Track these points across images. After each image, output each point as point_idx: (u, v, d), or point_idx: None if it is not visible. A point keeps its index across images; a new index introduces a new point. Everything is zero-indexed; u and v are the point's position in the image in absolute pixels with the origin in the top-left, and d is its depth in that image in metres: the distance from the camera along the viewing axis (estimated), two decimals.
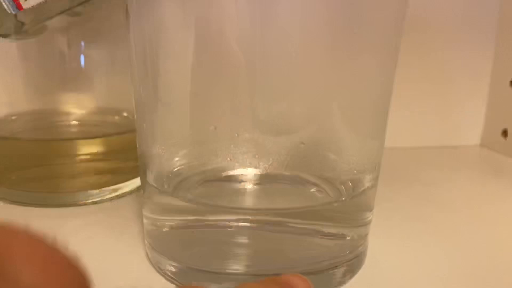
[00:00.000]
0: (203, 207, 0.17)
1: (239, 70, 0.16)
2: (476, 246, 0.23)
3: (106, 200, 0.26)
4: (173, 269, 0.17)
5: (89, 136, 0.27)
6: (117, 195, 0.26)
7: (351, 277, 0.18)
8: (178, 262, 0.17)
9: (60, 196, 0.25)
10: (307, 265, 0.17)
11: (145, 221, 0.19)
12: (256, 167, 0.18)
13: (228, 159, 0.17)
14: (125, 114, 0.30)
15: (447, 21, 0.36)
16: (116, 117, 0.30)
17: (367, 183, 0.18)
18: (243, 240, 0.16)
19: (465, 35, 0.36)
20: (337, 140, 0.18)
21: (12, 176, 0.26)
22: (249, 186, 0.18)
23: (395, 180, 0.30)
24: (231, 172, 0.18)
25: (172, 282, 0.17)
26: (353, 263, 0.18)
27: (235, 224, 0.16)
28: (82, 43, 0.28)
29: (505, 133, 0.37)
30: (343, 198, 0.18)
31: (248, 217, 0.16)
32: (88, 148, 0.27)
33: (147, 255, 0.19)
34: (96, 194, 0.26)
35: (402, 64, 0.32)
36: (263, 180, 0.18)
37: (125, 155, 0.26)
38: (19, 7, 0.24)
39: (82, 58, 0.29)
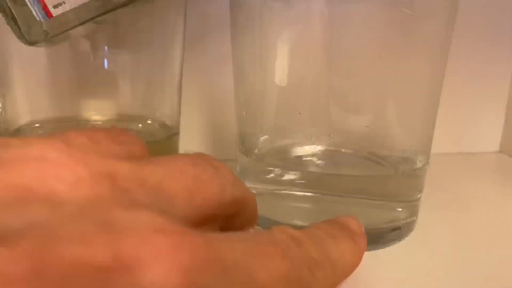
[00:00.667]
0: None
1: (321, 71, 0.22)
2: (496, 251, 0.22)
3: None
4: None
5: None
6: None
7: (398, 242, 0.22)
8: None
9: None
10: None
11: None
12: (329, 145, 0.23)
13: (309, 137, 0.23)
14: (149, 121, 0.29)
15: (467, 26, 0.36)
16: (140, 125, 0.29)
17: (418, 164, 0.22)
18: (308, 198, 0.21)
19: (485, 40, 0.36)
20: (395, 125, 0.23)
21: None
22: (320, 160, 0.24)
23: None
24: (308, 148, 0.24)
25: None
26: (402, 231, 0.22)
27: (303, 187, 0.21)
28: (106, 49, 0.28)
29: None
30: (399, 172, 0.23)
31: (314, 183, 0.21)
32: None
33: None
34: None
35: None
36: (333, 154, 0.24)
37: None
38: (48, 14, 0.23)
39: (105, 63, 0.28)
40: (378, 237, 0.21)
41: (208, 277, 0.09)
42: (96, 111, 0.29)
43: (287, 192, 0.22)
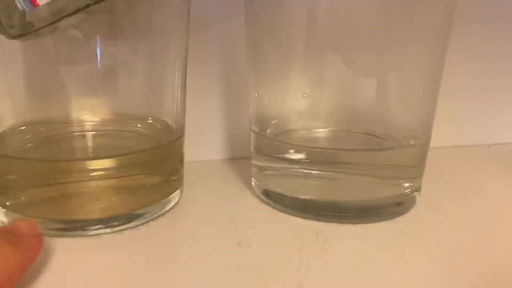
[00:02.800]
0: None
1: (326, 58, 0.23)
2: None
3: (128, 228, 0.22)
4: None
5: (113, 155, 0.23)
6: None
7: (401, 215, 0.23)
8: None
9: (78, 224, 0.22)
10: (366, 199, 0.23)
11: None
12: (333, 125, 0.25)
13: (334, 116, 0.25)
14: (150, 120, 0.26)
15: (487, 17, 0.33)
16: (139, 125, 0.26)
17: (418, 140, 0.24)
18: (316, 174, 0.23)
19: (505, 30, 0.34)
20: (395, 106, 0.24)
21: (21, 196, 0.23)
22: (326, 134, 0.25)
23: (432, 179, 0.28)
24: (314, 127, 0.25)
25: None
26: (405, 205, 0.24)
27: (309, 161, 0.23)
28: (99, 41, 0.25)
29: None
30: (402, 147, 0.24)
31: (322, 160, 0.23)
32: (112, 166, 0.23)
33: None
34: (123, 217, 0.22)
35: None
36: (338, 134, 0.25)
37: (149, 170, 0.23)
38: (33, 2, 0.20)
39: (99, 58, 0.25)
40: (381, 210, 0.23)
41: None
42: (91, 111, 0.26)
43: (297, 169, 0.23)
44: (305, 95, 0.24)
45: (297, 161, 0.23)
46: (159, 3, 0.23)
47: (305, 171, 0.23)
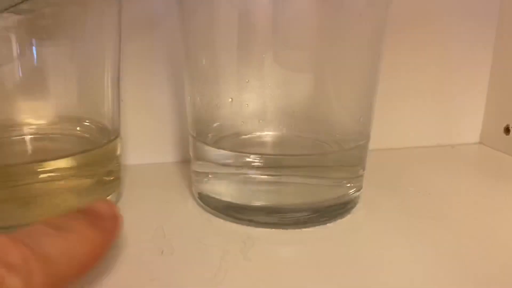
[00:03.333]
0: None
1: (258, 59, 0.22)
2: (476, 245, 0.21)
3: None
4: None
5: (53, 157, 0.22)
6: None
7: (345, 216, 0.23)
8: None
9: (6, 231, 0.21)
10: (311, 202, 0.22)
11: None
12: (270, 129, 0.24)
13: (260, 120, 0.24)
14: (87, 123, 0.26)
15: (445, 15, 0.33)
16: (78, 128, 0.26)
17: (358, 142, 0.24)
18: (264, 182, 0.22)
19: (464, 29, 0.33)
20: (334, 110, 0.24)
21: None
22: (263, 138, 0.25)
23: (392, 181, 0.28)
24: (259, 132, 0.24)
25: None
26: (347, 206, 0.24)
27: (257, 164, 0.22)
28: (34, 42, 0.24)
29: (507, 130, 0.34)
30: (342, 149, 0.24)
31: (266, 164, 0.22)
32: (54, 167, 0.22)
33: None
34: None
35: (398, 60, 0.30)
36: (283, 138, 0.25)
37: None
38: None
39: (34, 59, 0.24)
40: (327, 212, 0.23)
41: None
42: (29, 114, 0.26)
43: (242, 174, 0.22)
44: (231, 99, 0.23)
45: (241, 166, 0.23)
46: (88, 4, 0.23)
47: (250, 176, 0.23)
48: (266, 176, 0.22)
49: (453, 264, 0.19)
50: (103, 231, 0.16)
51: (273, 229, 0.22)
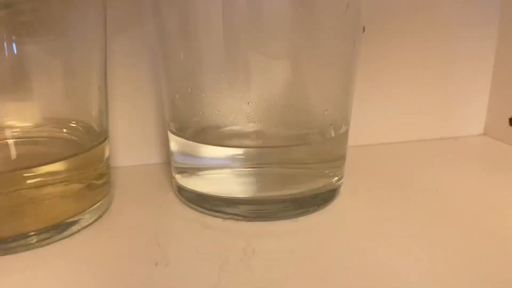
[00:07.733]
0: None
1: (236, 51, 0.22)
2: (480, 237, 0.20)
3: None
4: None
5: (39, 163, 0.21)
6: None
7: (325, 205, 0.23)
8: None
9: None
10: (293, 190, 0.22)
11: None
12: (256, 121, 0.23)
13: (248, 117, 0.23)
14: (73, 124, 0.24)
15: (449, 6, 0.32)
16: (65, 130, 0.24)
17: (340, 131, 0.24)
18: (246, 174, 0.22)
19: (468, 20, 0.32)
20: (313, 104, 0.24)
21: None
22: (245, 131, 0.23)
23: (396, 174, 0.28)
24: (234, 126, 0.23)
25: None
26: (328, 195, 0.24)
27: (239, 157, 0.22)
28: (14, 39, 0.22)
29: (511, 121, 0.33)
30: (323, 138, 0.24)
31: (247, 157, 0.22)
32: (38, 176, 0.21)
33: None
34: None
35: (401, 52, 0.32)
36: (262, 130, 0.23)
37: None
38: None
39: (14, 58, 0.23)
40: (309, 200, 0.23)
41: None
42: (12, 116, 0.24)
43: (222, 168, 0.22)
44: (204, 95, 0.23)
45: (222, 160, 0.22)
46: (74, 2, 0.21)
47: (232, 169, 0.22)
48: (247, 169, 0.22)
49: (445, 251, 0.19)
50: None
51: (269, 224, 0.21)
